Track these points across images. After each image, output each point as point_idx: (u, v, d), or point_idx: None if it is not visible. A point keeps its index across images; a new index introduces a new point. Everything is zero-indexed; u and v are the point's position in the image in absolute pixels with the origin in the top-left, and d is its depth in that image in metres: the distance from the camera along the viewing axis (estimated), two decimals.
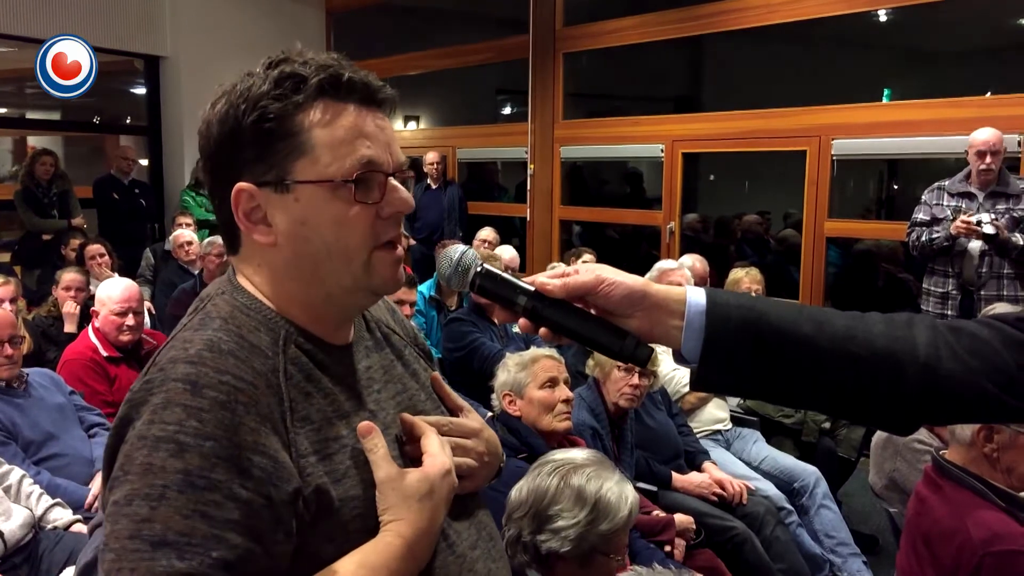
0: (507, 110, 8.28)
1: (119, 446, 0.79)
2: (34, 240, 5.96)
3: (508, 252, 5.18)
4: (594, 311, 0.87)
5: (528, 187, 6.59)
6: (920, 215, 4.12)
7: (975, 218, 3.80)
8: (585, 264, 0.89)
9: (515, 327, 0.82)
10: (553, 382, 2.44)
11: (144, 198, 6.61)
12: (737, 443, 3.54)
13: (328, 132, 0.85)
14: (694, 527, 2.72)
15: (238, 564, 0.73)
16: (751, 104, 5.43)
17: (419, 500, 0.85)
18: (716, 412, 3.57)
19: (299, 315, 0.90)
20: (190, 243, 5.47)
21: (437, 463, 0.90)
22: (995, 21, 5.76)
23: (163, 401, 0.77)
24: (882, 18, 5.32)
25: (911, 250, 4.18)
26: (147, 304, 4.52)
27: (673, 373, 3.43)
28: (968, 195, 3.98)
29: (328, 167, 0.85)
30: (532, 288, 0.86)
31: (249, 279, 0.91)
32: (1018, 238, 3.77)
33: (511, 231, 6.83)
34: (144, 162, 7.40)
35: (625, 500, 1.65)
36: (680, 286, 0.87)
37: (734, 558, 2.76)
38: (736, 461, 3.37)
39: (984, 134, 3.91)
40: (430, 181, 6.56)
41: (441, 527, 0.90)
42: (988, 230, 3.75)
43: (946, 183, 4.08)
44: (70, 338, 3.76)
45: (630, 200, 7.04)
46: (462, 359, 3.66)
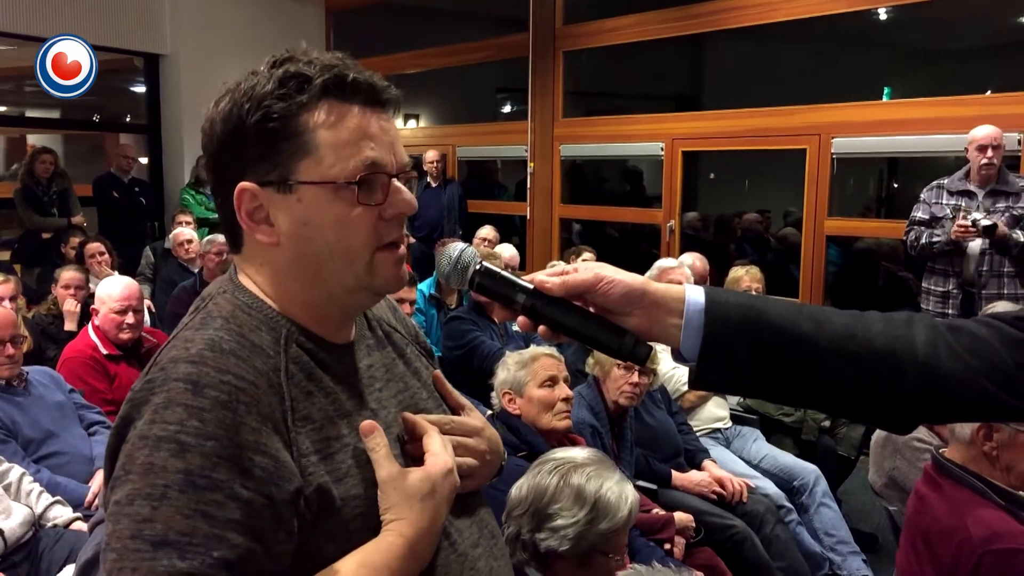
0: (507, 108, 8.28)
1: (120, 446, 0.79)
2: (34, 238, 5.96)
3: (508, 250, 5.19)
4: (593, 309, 0.86)
5: (528, 185, 6.59)
6: (919, 214, 4.11)
7: (970, 219, 3.80)
8: (584, 262, 0.89)
9: (515, 325, 0.82)
10: (553, 380, 2.44)
11: (144, 196, 6.61)
12: (737, 441, 3.54)
13: (332, 133, 0.85)
14: (694, 525, 2.72)
15: (239, 563, 0.73)
16: (751, 102, 5.42)
17: (421, 499, 0.85)
18: (716, 410, 3.57)
19: (301, 314, 0.90)
20: (190, 241, 5.47)
21: (439, 462, 0.89)
22: (995, 19, 5.75)
23: (164, 401, 0.77)
24: (882, 16, 5.31)
25: (909, 250, 4.17)
26: (147, 302, 4.52)
27: (673, 371, 3.43)
28: (968, 193, 3.96)
29: (331, 168, 0.84)
30: (531, 286, 0.86)
31: (251, 278, 0.91)
32: (1018, 234, 3.77)
33: (511, 229, 6.82)
34: (144, 160, 7.39)
35: (625, 500, 1.65)
36: (679, 285, 0.87)
37: (734, 556, 2.76)
38: (736, 459, 3.37)
39: (984, 129, 3.90)
40: (430, 179, 6.56)
41: (443, 526, 0.90)
42: (985, 223, 3.75)
43: (945, 181, 4.07)
44: (70, 336, 3.76)
45: (630, 198, 7.04)
46: (462, 357, 3.66)
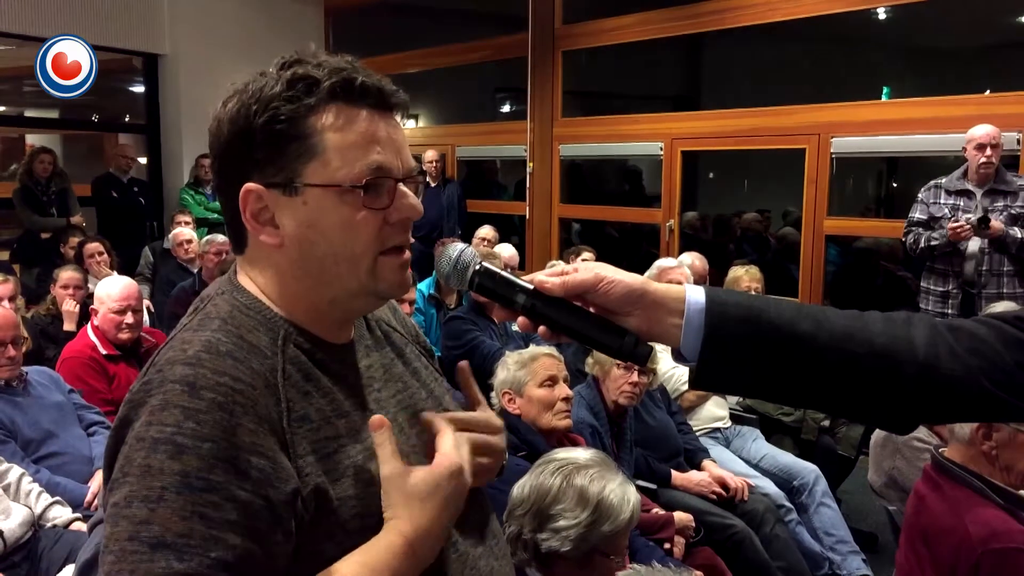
0: (506, 108, 8.27)
1: (119, 447, 0.79)
2: (33, 238, 5.95)
3: (507, 250, 5.19)
4: (593, 309, 0.86)
5: (527, 185, 6.59)
6: (916, 214, 4.10)
7: (963, 219, 3.81)
8: (584, 262, 0.89)
9: (514, 325, 0.81)
10: (553, 380, 2.44)
11: (143, 196, 6.60)
12: (736, 441, 3.54)
13: (339, 136, 0.85)
14: (693, 525, 2.72)
15: (237, 564, 0.73)
16: (750, 102, 5.42)
17: (421, 500, 0.84)
18: (715, 410, 3.57)
19: (302, 315, 0.90)
20: (189, 241, 5.46)
21: (445, 462, 0.87)
22: (994, 19, 5.76)
23: (161, 403, 0.77)
24: (881, 16, 5.31)
25: (909, 252, 4.17)
26: (146, 302, 4.51)
27: (672, 371, 3.43)
28: (966, 192, 3.96)
29: (338, 171, 0.84)
30: (531, 286, 0.86)
31: (253, 279, 0.91)
32: (1016, 231, 3.77)
33: (510, 229, 6.82)
34: (143, 160, 7.38)
35: (627, 502, 1.64)
36: (679, 284, 0.87)
37: (733, 556, 2.76)
38: (735, 459, 3.37)
39: (983, 128, 3.89)
40: (429, 179, 6.56)
41: (447, 527, 0.88)
42: (978, 214, 3.77)
43: (943, 181, 4.06)
44: (69, 336, 3.76)
45: (629, 198, 7.04)
46: (461, 357, 3.65)
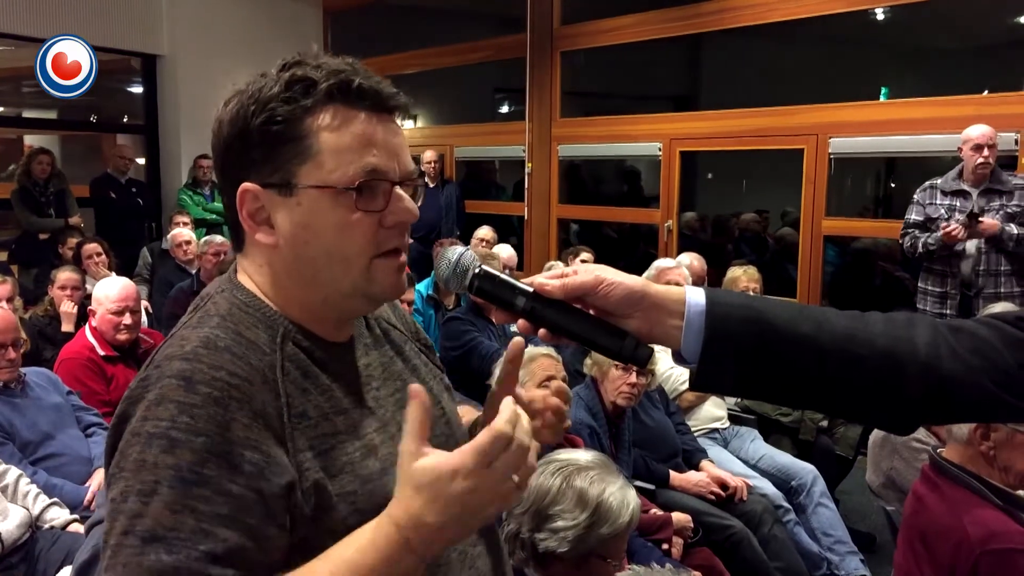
0: (505, 109, 8.28)
1: (117, 443, 0.80)
2: (31, 239, 5.94)
3: (506, 251, 5.18)
4: (593, 312, 0.86)
5: (526, 186, 6.59)
6: (912, 216, 4.10)
7: (953, 223, 3.83)
8: (584, 265, 0.89)
9: (513, 327, 0.80)
10: (550, 380, 2.44)
11: (141, 197, 6.59)
12: (735, 441, 3.54)
13: (335, 138, 0.85)
14: (692, 525, 2.72)
15: (226, 557, 0.73)
16: (749, 103, 5.42)
17: (415, 487, 0.76)
18: (714, 410, 3.57)
19: (299, 314, 0.91)
20: (188, 242, 5.45)
21: (454, 461, 0.75)
22: (992, 19, 5.77)
23: (157, 397, 0.78)
24: (879, 16, 5.32)
25: (907, 254, 4.18)
26: (144, 303, 4.51)
27: (671, 371, 3.43)
28: (962, 193, 3.96)
29: (332, 173, 0.85)
30: (531, 289, 0.86)
31: (251, 277, 0.92)
32: (1012, 228, 3.77)
33: (509, 230, 6.82)
34: (141, 161, 7.37)
35: (627, 506, 1.64)
36: (679, 285, 0.87)
37: (732, 556, 2.76)
38: (734, 459, 3.37)
39: (979, 129, 3.88)
40: (427, 180, 6.56)
41: (456, 530, 0.79)
42: (966, 212, 3.79)
43: (938, 181, 4.05)
44: (67, 337, 3.75)
45: (628, 199, 7.05)
46: (460, 358, 3.66)
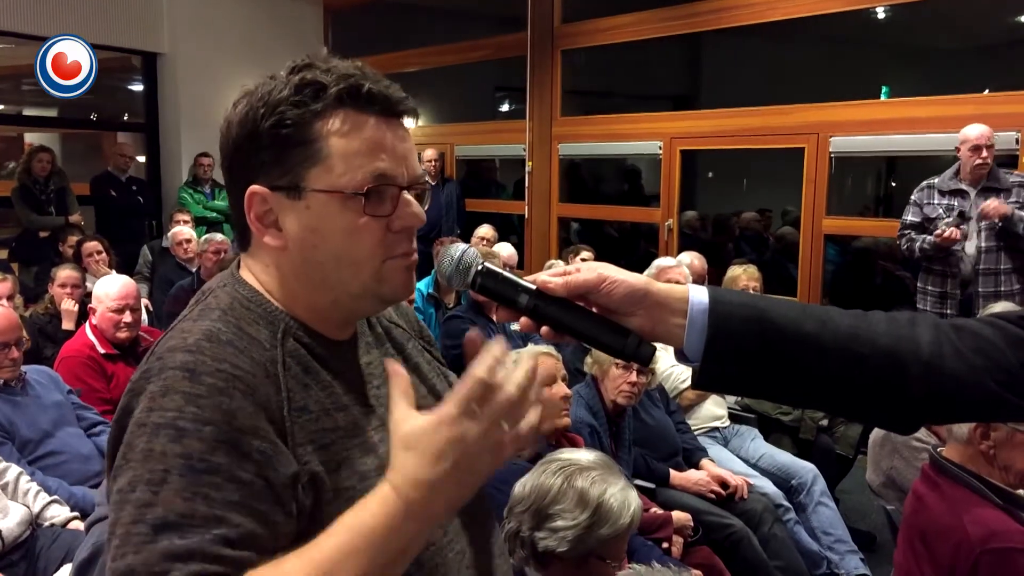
0: (505, 107, 8.28)
1: (121, 436, 0.80)
2: (31, 237, 5.94)
3: (506, 249, 5.19)
4: (595, 309, 0.86)
5: (526, 184, 6.59)
6: (909, 217, 4.09)
7: (942, 226, 3.84)
8: (586, 262, 0.89)
9: (514, 325, 0.79)
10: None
11: (141, 195, 6.59)
12: (735, 440, 3.54)
13: (344, 142, 0.85)
14: (692, 524, 2.72)
15: (239, 541, 0.74)
16: (749, 101, 5.42)
17: (405, 447, 0.74)
18: (714, 409, 3.58)
19: (303, 313, 0.91)
20: (188, 240, 5.45)
21: (440, 413, 0.72)
22: (993, 18, 5.77)
23: (161, 388, 0.78)
24: (880, 15, 5.32)
25: (904, 255, 4.18)
26: (144, 301, 4.51)
27: (671, 370, 3.43)
28: (960, 192, 3.95)
29: (341, 177, 0.85)
30: (534, 287, 0.86)
31: (256, 276, 0.92)
32: (1021, 214, 3.75)
33: (509, 228, 6.82)
34: (141, 159, 7.37)
35: (628, 507, 1.63)
36: (681, 284, 0.87)
37: (732, 555, 2.77)
38: (734, 458, 3.37)
39: (977, 129, 3.87)
40: (428, 178, 6.54)
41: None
42: (951, 220, 3.81)
43: (935, 181, 4.04)
44: (67, 335, 3.75)
45: (628, 197, 7.05)
46: (460, 356, 3.66)
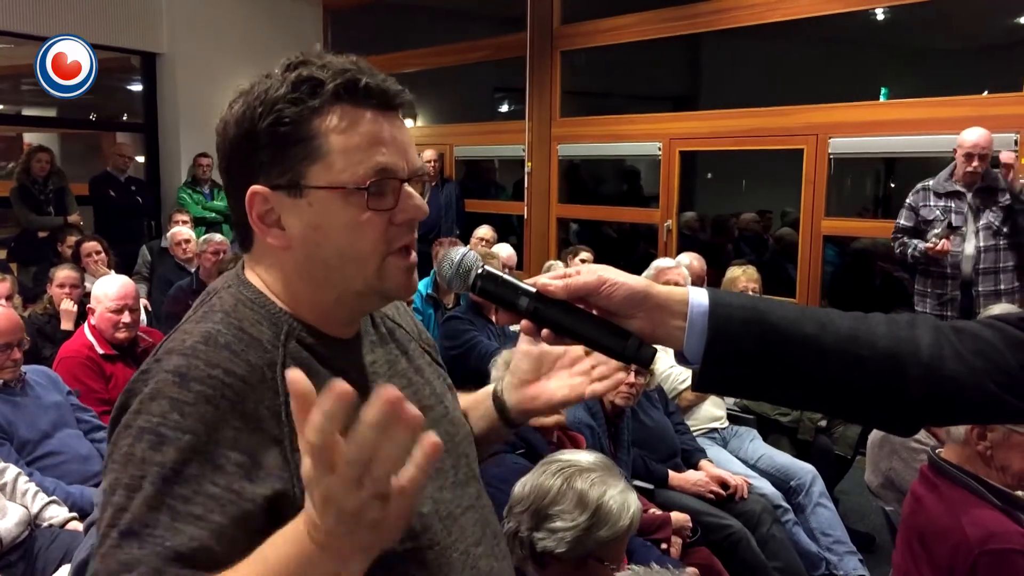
0: (504, 108, 8.27)
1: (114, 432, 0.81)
2: (30, 237, 5.93)
3: (505, 250, 5.18)
4: (596, 312, 0.86)
5: (525, 185, 6.59)
6: (902, 220, 4.09)
7: (931, 238, 3.85)
8: (586, 265, 0.89)
9: (514, 327, 0.80)
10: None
11: (140, 195, 6.58)
12: (734, 441, 3.55)
13: (344, 138, 0.85)
14: (690, 525, 2.72)
15: (189, 556, 0.74)
16: (748, 102, 5.42)
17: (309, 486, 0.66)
18: (713, 410, 3.58)
19: (307, 312, 0.91)
20: (187, 240, 5.44)
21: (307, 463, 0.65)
22: (992, 19, 5.77)
23: (152, 392, 0.79)
24: (879, 17, 5.32)
25: (897, 259, 4.18)
26: (143, 301, 4.51)
27: (670, 371, 3.43)
28: (956, 194, 3.95)
29: (342, 173, 0.85)
30: (534, 289, 0.86)
31: (260, 276, 0.93)
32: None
33: (508, 229, 6.82)
34: (140, 159, 7.37)
35: (627, 510, 1.63)
36: (681, 286, 0.87)
37: (730, 556, 2.77)
38: (733, 459, 3.37)
39: (973, 136, 3.85)
40: (427, 177, 6.55)
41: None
42: (940, 230, 3.83)
43: (930, 183, 4.04)
44: (66, 335, 3.74)
45: (627, 198, 7.05)
46: (459, 357, 3.66)
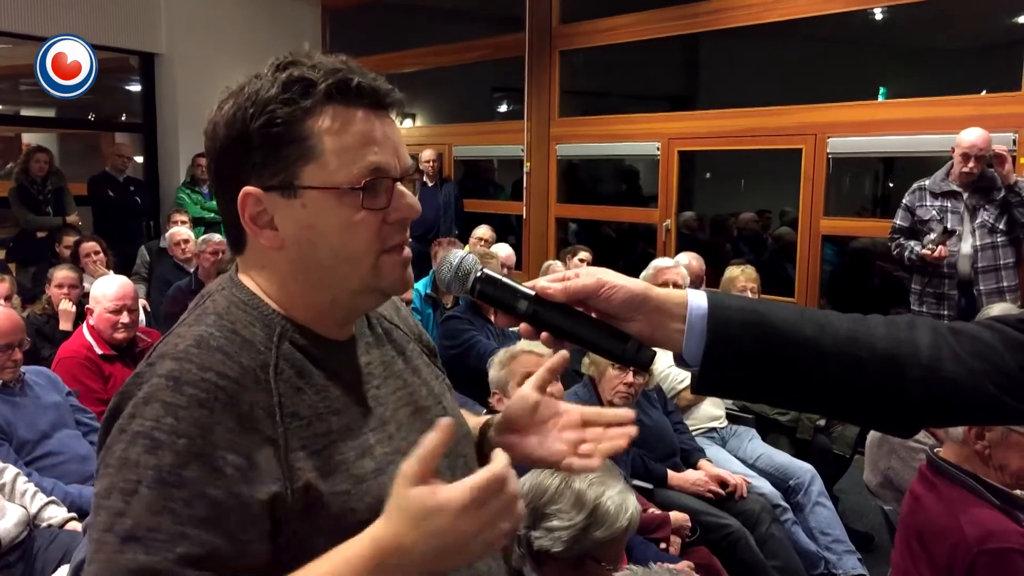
0: (503, 108, 8.27)
1: (107, 436, 0.81)
2: (29, 237, 5.93)
3: (504, 250, 5.18)
4: (595, 315, 0.86)
5: (524, 185, 6.59)
6: (899, 221, 4.10)
7: (926, 243, 3.86)
8: (585, 268, 0.89)
9: (514, 329, 0.80)
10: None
11: (139, 195, 6.58)
12: (733, 441, 3.55)
13: (336, 138, 0.85)
14: (689, 524, 2.72)
15: (203, 560, 0.74)
16: (747, 102, 5.42)
17: (399, 509, 0.75)
18: (712, 410, 3.58)
19: (301, 313, 0.91)
20: (186, 241, 5.44)
21: (440, 497, 0.74)
22: (990, 19, 5.78)
23: (145, 396, 0.79)
24: (878, 16, 5.33)
25: (894, 260, 4.19)
26: (142, 302, 4.50)
27: (669, 370, 3.43)
28: (953, 194, 3.96)
29: (336, 173, 0.85)
30: (533, 292, 0.86)
31: (253, 278, 0.92)
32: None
33: (507, 229, 6.82)
34: (139, 159, 7.36)
35: (625, 511, 1.63)
36: (677, 285, 0.87)
37: (729, 556, 2.77)
38: (732, 459, 3.37)
39: (970, 136, 3.85)
40: (426, 179, 6.55)
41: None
42: (936, 237, 3.85)
43: (927, 183, 4.05)
44: (65, 336, 3.74)
45: (626, 198, 7.05)
46: (458, 357, 3.66)
